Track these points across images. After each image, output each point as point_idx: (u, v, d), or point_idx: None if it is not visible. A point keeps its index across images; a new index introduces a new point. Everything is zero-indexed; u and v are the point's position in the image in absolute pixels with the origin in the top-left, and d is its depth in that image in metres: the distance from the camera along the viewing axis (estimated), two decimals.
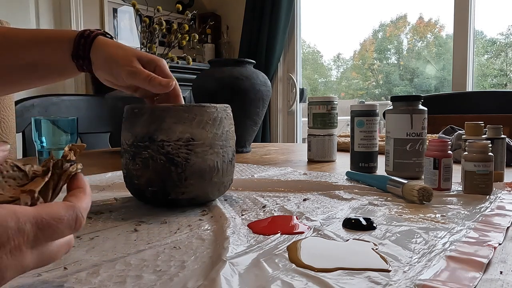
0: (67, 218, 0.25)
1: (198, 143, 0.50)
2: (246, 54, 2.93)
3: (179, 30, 1.28)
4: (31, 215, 0.23)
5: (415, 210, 0.52)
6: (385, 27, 3.34)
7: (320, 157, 1.01)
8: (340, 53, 3.54)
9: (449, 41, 2.65)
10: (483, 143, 0.60)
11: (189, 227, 0.45)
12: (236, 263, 0.33)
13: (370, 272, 0.32)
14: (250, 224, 0.45)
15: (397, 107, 0.77)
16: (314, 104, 1.01)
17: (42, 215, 0.23)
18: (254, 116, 1.21)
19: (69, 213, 0.25)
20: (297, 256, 0.35)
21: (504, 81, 2.76)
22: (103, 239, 0.40)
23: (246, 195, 0.61)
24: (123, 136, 0.53)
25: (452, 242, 0.39)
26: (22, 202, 0.26)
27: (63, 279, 0.31)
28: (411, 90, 3.10)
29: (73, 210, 0.25)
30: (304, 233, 0.42)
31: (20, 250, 0.22)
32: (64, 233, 0.25)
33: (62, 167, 0.29)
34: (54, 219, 0.24)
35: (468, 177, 0.60)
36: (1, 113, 1.07)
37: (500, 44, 2.73)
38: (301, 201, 0.57)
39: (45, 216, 0.24)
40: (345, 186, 0.65)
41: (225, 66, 1.20)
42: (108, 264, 0.34)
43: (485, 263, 0.34)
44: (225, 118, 0.53)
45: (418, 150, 0.75)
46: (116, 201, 0.57)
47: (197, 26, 3.02)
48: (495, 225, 0.44)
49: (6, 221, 0.22)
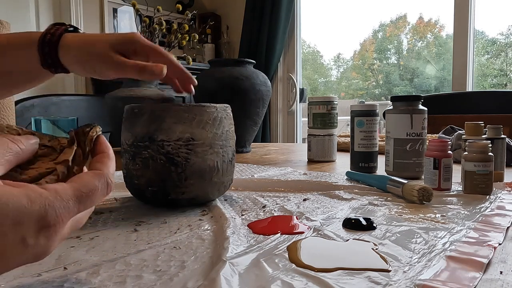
0: (101, 187, 0.27)
1: (198, 143, 0.50)
2: (246, 54, 2.93)
3: (179, 30, 1.28)
4: (71, 192, 0.25)
5: (415, 210, 0.52)
6: (385, 27, 3.34)
7: (320, 157, 1.01)
8: (340, 53, 3.54)
9: (449, 41, 2.65)
10: (483, 143, 0.60)
11: (189, 227, 0.45)
12: (236, 263, 0.33)
13: (370, 272, 0.32)
14: (250, 224, 0.45)
15: (397, 107, 0.77)
16: (314, 104, 1.01)
17: (80, 189, 0.25)
18: (254, 116, 1.21)
19: (101, 181, 0.27)
20: (297, 256, 0.35)
21: (504, 81, 2.76)
22: (103, 239, 0.40)
23: (246, 195, 0.61)
24: (123, 136, 0.53)
25: (452, 242, 0.39)
26: (59, 172, 0.27)
27: (63, 279, 0.31)
28: (411, 90, 3.10)
29: (104, 178, 0.27)
30: (304, 233, 0.42)
31: (65, 225, 0.24)
32: (98, 201, 0.27)
33: (84, 134, 0.31)
34: (90, 191, 0.26)
35: (468, 177, 0.60)
36: (1, 113, 1.07)
37: (500, 44, 2.73)
38: (301, 201, 0.57)
39: (83, 190, 0.25)
40: (345, 186, 0.65)
41: (225, 66, 1.20)
42: (108, 264, 0.34)
43: (485, 263, 0.34)
44: (225, 118, 0.53)
45: (418, 150, 0.75)
46: (116, 201, 0.57)
47: (197, 26, 3.02)
48: (495, 225, 0.44)
49: (53, 202, 0.23)
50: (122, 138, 0.54)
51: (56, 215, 0.23)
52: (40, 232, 0.23)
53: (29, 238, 0.22)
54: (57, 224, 0.23)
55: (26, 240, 0.22)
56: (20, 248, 0.22)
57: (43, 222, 0.23)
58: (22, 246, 0.22)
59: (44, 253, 0.24)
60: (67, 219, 0.24)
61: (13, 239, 0.22)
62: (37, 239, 0.23)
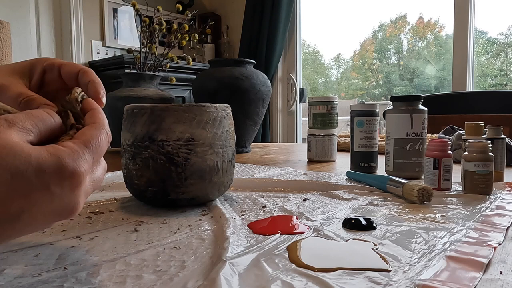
0: (104, 137, 0.29)
1: (198, 143, 0.50)
2: (246, 54, 2.93)
3: (179, 30, 1.28)
4: (82, 145, 0.27)
5: (415, 210, 0.52)
6: (385, 27, 3.34)
7: (320, 157, 1.01)
8: (340, 53, 3.54)
9: (449, 41, 2.65)
10: (483, 143, 0.60)
11: (189, 227, 0.45)
12: (236, 263, 0.33)
13: (370, 272, 0.32)
14: (250, 224, 0.45)
15: (397, 107, 0.77)
16: (314, 104, 1.01)
17: (89, 141, 0.28)
18: (254, 116, 1.21)
19: (102, 132, 0.29)
20: (297, 256, 0.35)
21: (504, 81, 2.76)
22: (103, 239, 0.40)
23: (246, 195, 0.61)
24: (123, 136, 0.53)
25: (452, 242, 0.39)
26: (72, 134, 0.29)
27: (63, 279, 0.31)
28: (411, 90, 3.11)
29: (103, 128, 0.30)
30: (304, 233, 0.42)
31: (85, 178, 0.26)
32: (104, 150, 0.29)
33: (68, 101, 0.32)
34: (97, 141, 0.28)
35: (468, 177, 0.60)
36: None
37: (500, 44, 2.73)
38: (301, 201, 0.57)
39: (91, 142, 0.28)
40: (345, 186, 0.65)
41: (225, 66, 1.20)
42: (108, 264, 0.34)
43: (485, 263, 0.34)
44: (225, 118, 0.53)
45: (418, 150, 0.75)
46: (116, 201, 0.57)
47: (197, 26, 3.02)
48: (495, 225, 0.44)
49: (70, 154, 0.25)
50: (122, 138, 0.54)
51: (74, 165, 0.25)
52: (62, 181, 0.25)
53: (54, 186, 0.24)
54: (76, 174, 0.25)
55: (51, 188, 0.24)
56: (48, 196, 0.24)
57: (63, 172, 0.25)
58: (49, 194, 0.24)
59: (73, 206, 0.26)
60: (84, 169, 0.26)
61: (39, 185, 0.23)
62: (62, 188, 0.25)
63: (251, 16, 2.93)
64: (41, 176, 0.24)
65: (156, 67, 1.27)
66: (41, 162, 0.24)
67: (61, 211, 0.25)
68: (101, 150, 0.29)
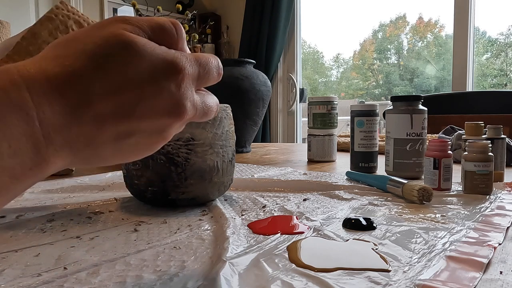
0: (215, 62, 0.29)
1: (198, 143, 0.50)
2: (246, 54, 2.93)
3: None
4: (193, 56, 0.27)
5: (415, 210, 0.52)
6: (385, 27, 3.34)
7: (320, 157, 1.01)
8: (340, 53, 3.54)
9: (449, 41, 2.65)
10: (483, 143, 0.60)
11: (189, 227, 0.45)
12: (236, 263, 0.33)
13: (370, 272, 0.32)
14: (250, 224, 0.45)
15: (397, 107, 0.77)
16: (314, 104, 1.01)
17: (200, 57, 0.27)
18: (254, 116, 1.21)
19: (215, 59, 0.29)
20: (297, 256, 0.35)
21: (504, 81, 2.76)
22: (103, 239, 0.40)
23: (246, 195, 0.61)
24: None
25: (452, 242, 0.39)
26: None
27: (63, 279, 0.31)
28: (411, 90, 3.11)
29: (216, 58, 0.30)
30: (304, 233, 0.42)
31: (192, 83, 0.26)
32: (214, 76, 0.29)
33: None
34: (208, 60, 0.28)
35: (468, 177, 0.60)
36: None
37: (500, 44, 2.73)
38: (301, 201, 0.57)
39: (201, 58, 0.28)
40: (345, 186, 0.65)
41: (225, 66, 1.20)
42: (108, 264, 0.34)
43: (485, 263, 0.34)
44: (225, 118, 0.53)
45: (418, 150, 0.75)
46: (116, 201, 0.57)
47: (197, 26, 3.02)
48: (495, 225, 0.44)
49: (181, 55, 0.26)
50: None
51: (182, 64, 0.25)
52: (170, 76, 0.25)
53: (161, 81, 0.24)
54: (184, 73, 0.25)
55: (158, 80, 0.24)
56: (155, 88, 0.24)
57: (172, 67, 0.25)
58: (157, 87, 0.24)
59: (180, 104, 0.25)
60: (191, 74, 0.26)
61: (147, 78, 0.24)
62: (168, 82, 0.24)
63: (251, 16, 2.94)
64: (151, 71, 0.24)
65: None
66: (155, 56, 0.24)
67: (170, 109, 0.25)
68: (209, 71, 0.28)
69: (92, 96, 0.22)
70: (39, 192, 0.62)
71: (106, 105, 0.23)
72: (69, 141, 0.22)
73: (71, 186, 0.66)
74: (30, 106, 0.20)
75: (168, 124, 0.26)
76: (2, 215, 0.49)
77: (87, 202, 0.56)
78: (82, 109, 0.22)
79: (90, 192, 0.63)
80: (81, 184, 0.68)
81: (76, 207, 0.54)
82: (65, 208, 0.53)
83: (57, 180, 0.72)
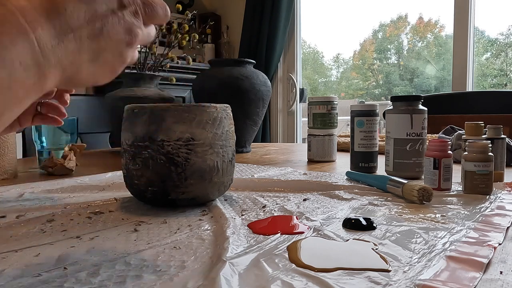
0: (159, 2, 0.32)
1: (198, 143, 0.50)
2: (246, 54, 2.93)
3: (179, 30, 1.28)
4: None
5: (415, 210, 0.52)
6: (385, 27, 3.34)
7: (320, 157, 1.01)
8: (340, 53, 3.54)
9: (449, 41, 2.65)
10: (483, 143, 0.60)
11: (189, 227, 0.45)
12: (236, 263, 0.33)
13: (370, 272, 0.32)
14: (250, 224, 0.45)
15: (397, 107, 0.77)
16: (314, 104, 1.01)
17: None
18: (254, 116, 1.21)
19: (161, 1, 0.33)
20: (297, 256, 0.35)
21: (504, 81, 2.76)
22: (103, 239, 0.40)
23: (246, 195, 0.61)
24: (123, 136, 0.53)
25: (452, 242, 0.39)
26: None
27: (63, 279, 0.31)
28: (411, 90, 3.11)
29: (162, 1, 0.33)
30: (304, 233, 0.42)
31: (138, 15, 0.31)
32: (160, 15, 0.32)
33: None
34: None
35: (468, 177, 0.60)
36: None
37: (500, 44, 2.73)
38: (301, 201, 0.57)
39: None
40: (345, 186, 0.65)
41: (225, 66, 1.20)
42: (108, 264, 0.34)
43: (485, 263, 0.34)
44: (225, 118, 0.53)
45: (418, 150, 0.75)
46: (116, 201, 0.57)
47: (197, 26, 3.02)
48: (495, 225, 0.44)
49: None
50: (122, 138, 0.54)
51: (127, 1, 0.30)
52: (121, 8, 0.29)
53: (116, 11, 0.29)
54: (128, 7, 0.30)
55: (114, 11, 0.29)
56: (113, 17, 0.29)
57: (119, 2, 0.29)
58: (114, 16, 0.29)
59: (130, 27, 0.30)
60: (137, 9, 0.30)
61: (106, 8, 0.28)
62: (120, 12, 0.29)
63: (251, 16, 2.93)
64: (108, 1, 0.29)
65: (156, 67, 1.27)
66: None
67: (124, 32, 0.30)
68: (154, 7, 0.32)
69: (71, 20, 0.27)
70: (39, 192, 0.62)
71: (82, 28, 0.27)
72: (59, 60, 0.26)
73: (71, 186, 0.66)
74: (29, 31, 0.24)
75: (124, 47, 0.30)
76: (2, 215, 0.49)
77: (87, 202, 0.56)
78: (65, 31, 0.26)
79: (90, 192, 0.63)
80: (81, 184, 0.68)
81: (76, 207, 0.54)
82: (65, 208, 0.53)
83: (57, 180, 0.72)
